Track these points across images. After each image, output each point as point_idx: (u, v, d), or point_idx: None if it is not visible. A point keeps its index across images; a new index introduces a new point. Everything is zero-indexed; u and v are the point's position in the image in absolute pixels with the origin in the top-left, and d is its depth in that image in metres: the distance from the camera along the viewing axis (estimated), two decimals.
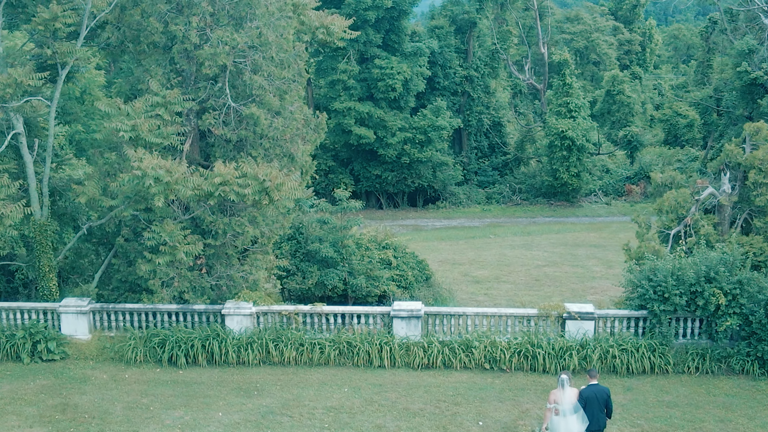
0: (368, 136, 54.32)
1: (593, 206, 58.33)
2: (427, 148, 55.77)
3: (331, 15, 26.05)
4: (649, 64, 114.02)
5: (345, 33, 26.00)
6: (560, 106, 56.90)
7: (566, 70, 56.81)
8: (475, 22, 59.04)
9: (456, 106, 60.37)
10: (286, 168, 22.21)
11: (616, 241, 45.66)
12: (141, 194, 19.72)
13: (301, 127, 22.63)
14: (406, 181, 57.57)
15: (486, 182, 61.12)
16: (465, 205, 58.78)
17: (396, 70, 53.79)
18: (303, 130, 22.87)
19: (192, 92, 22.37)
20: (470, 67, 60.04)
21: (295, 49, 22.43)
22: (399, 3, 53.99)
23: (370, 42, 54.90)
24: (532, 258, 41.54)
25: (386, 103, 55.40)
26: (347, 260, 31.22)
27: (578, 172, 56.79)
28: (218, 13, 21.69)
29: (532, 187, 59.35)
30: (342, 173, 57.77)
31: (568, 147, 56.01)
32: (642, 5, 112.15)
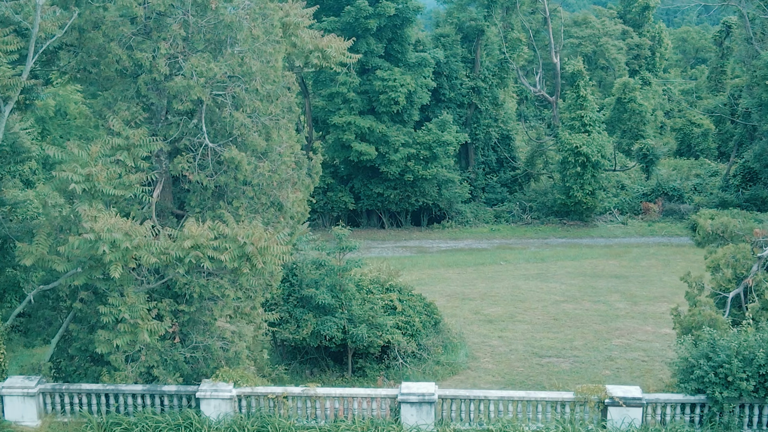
0: (369, 152, 50.85)
1: (609, 226, 54.84)
2: (432, 165, 52.29)
3: (328, 35, 22.55)
4: (659, 69, 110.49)
5: (344, 56, 22.48)
6: (573, 119, 53.42)
7: (580, 82, 53.32)
8: (482, 29, 55.54)
9: (462, 118, 56.89)
10: (273, 221, 18.74)
11: (638, 270, 42.21)
12: (96, 260, 16.24)
13: (291, 171, 19.12)
14: (409, 200, 54.10)
15: (494, 200, 57.62)
16: (472, 224, 55.30)
17: (399, 82, 50.30)
18: (294, 175, 19.37)
19: (163, 129, 18.90)
20: (477, 78, 56.56)
21: (284, 80, 18.93)
22: (402, 11, 50.52)
23: (372, 52, 51.42)
24: (548, 291, 38.05)
25: (388, 117, 51.94)
26: (347, 306, 27.78)
27: (593, 190, 53.30)
28: (192, 37, 18.21)
29: (544, 206, 55.86)
30: (341, 191, 54.30)
31: (582, 163, 52.53)
32: (651, 8, 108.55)
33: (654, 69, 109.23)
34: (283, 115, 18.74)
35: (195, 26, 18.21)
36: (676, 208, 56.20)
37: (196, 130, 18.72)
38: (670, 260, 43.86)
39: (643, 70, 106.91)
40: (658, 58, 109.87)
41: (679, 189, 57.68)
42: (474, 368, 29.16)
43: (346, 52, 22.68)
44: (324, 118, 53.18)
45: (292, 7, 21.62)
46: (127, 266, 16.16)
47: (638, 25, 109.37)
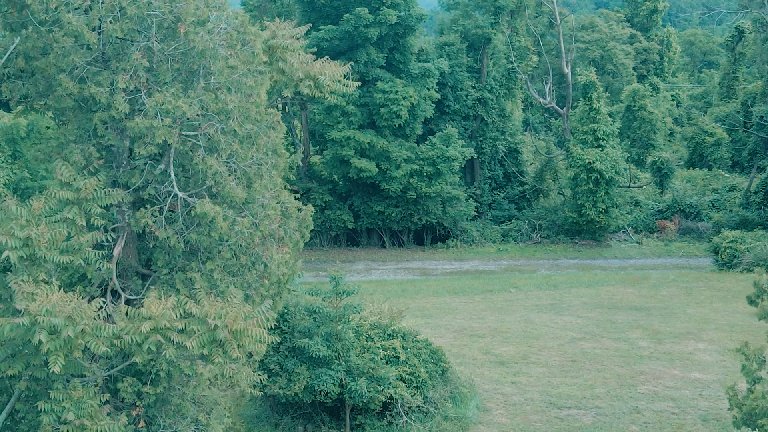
0: (370, 169, 47.84)
1: (623, 246, 51.84)
2: (436, 182, 49.29)
3: (321, 59, 19.53)
4: (667, 74, 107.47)
5: (340, 84, 19.48)
6: (586, 133, 50.45)
7: (593, 94, 50.34)
8: (489, 37, 52.55)
9: (468, 131, 53.89)
10: (255, 285, 15.74)
11: (659, 301, 39.20)
12: (34, 347, 13.25)
13: (277, 226, 16.11)
14: (412, 218, 51.10)
15: (501, 217, 54.63)
16: (478, 243, 52.30)
17: (401, 95, 47.31)
18: (280, 230, 16.35)
19: (124, 176, 15.93)
20: (484, 89, 53.56)
21: (269, 118, 15.94)
22: (405, 19, 47.53)
23: (372, 62, 48.43)
24: (564, 326, 35.05)
25: (390, 132, 48.95)
26: (344, 357, 24.81)
27: (606, 208, 50.32)
28: (158, 67, 15.21)
29: (554, 224, 52.86)
30: (340, 209, 51.30)
31: (595, 180, 49.55)
32: (660, 12, 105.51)
33: (662, 74, 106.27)
34: (267, 160, 15.73)
35: (161, 54, 15.20)
36: (693, 227, 53.23)
37: (163, 177, 15.74)
38: (692, 289, 40.87)
39: (651, 75, 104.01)
40: (666, 63, 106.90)
41: (697, 206, 54.69)
42: (486, 423, 26.19)
43: (343, 79, 19.54)
44: (322, 131, 50.25)
45: (280, 27, 18.62)
46: (71, 355, 13.16)
47: (646, 28, 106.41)
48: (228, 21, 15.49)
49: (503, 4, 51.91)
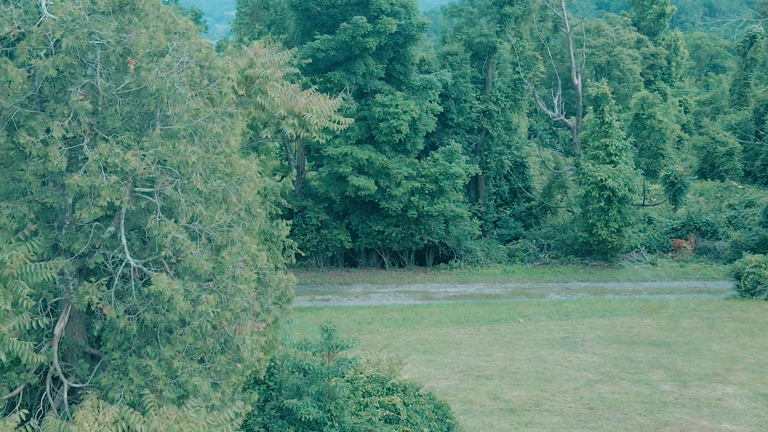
0: (368, 186, 45.02)
1: (636, 267, 49.02)
2: (439, 200, 46.48)
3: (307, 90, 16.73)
4: (675, 79, 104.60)
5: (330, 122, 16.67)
6: (597, 149, 47.64)
7: (605, 107, 47.52)
8: (494, 46, 49.75)
9: (472, 145, 51.09)
10: (224, 373, 12.94)
11: (680, 334, 36.34)
12: None
13: (251, 300, 13.30)
14: (413, 238, 48.29)
15: (507, 235, 51.82)
16: (483, 264, 49.48)
17: (402, 108, 44.49)
18: (256, 304, 13.54)
19: (67, 239, 13.12)
20: (489, 100, 50.76)
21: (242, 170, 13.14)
22: (405, 28, 44.72)
23: (371, 74, 45.62)
24: (578, 365, 32.20)
25: (389, 147, 46.13)
26: (338, 418, 22.04)
27: (619, 227, 47.51)
28: (104, 110, 12.39)
29: (563, 243, 50.03)
30: (337, 228, 48.49)
31: (607, 198, 46.74)
32: (667, 15, 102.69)
33: (670, 79, 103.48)
34: (239, 221, 12.91)
35: (108, 94, 12.39)
36: (710, 246, 50.42)
37: (113, 241, 12.92)
38: (715, 320, 38.02)
39: (659, 81, 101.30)
40: (674, 68, 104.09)
41: (713, 224, 51.86)
42: None
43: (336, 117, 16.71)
44: (317, 147, 47.43)
45: (259, 54, 15.87)
46: None
47: (653, 33, 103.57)
48: (191, 53, 12.67)
49: (509, 11, 49.11)
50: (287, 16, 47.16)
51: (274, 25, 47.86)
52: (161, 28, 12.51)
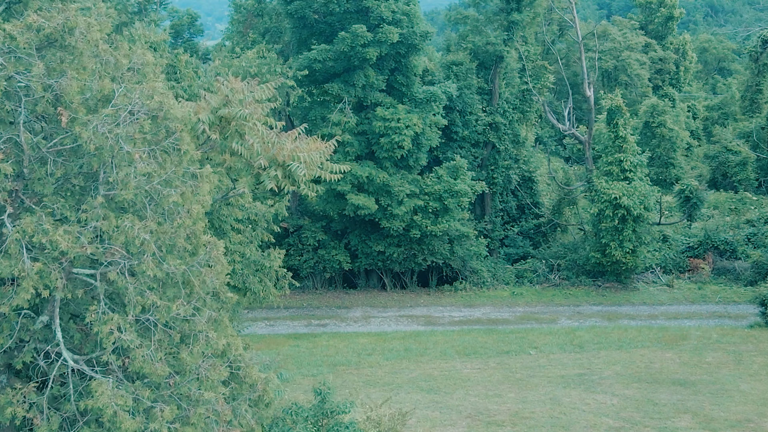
0: (368, 205, 42.35)
1: (651, 289, 46.34)
2: (443, 219, 43.82)
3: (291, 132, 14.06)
4: (683, 84, 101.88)
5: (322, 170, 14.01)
6: (611, 164, 44.98)
7: (619, 120, 44.85)
8: (502, 56, 47.11)
9: (477, 160, 48.44)
10: None
11: (705, 371, 33.65)
12: None
13: (221, 406, 10.62)
14: (415, 259, 45.62)
15: (515, 255, 49.15)
16: (490, 285, 46.81)
17: (404, 123, 41.83)
18: (227, 410, 10.85)
19: None
20: (496, 112, 48.11)
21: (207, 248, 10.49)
22: (408, 37, 42.05)
23: (371, 86, 42.95)
24: (597, 409, 29.52)
25: (391, 163, 43.46)
26: None
27: (634, 247, 44.84)
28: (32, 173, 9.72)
29: (574, 264, 47.35)
30: (335, 248, 45.82)
31: (621, 218, 44.08)
32: (676, 19, 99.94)
33: (678, 84, 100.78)
34: (203, 311, 10.25)
35: (36, 153, 9.73)
36: (729, 266, 47.74)
37: (46, 333, 10.29)
38: (741, 353, 35.34)
39: (666, 86, 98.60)
40: (682, 73, 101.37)
41: (732, 242, 49.17)
42: None
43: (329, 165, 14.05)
44: None
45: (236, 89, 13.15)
46: None
47: (661, 36, 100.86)
48: (142, 100, 10.02)
49: (517, 18, 46.44)
50: (282, 24, 44.49)
51: (268, 33, 45.21)
52: (104, 68, 9.84)
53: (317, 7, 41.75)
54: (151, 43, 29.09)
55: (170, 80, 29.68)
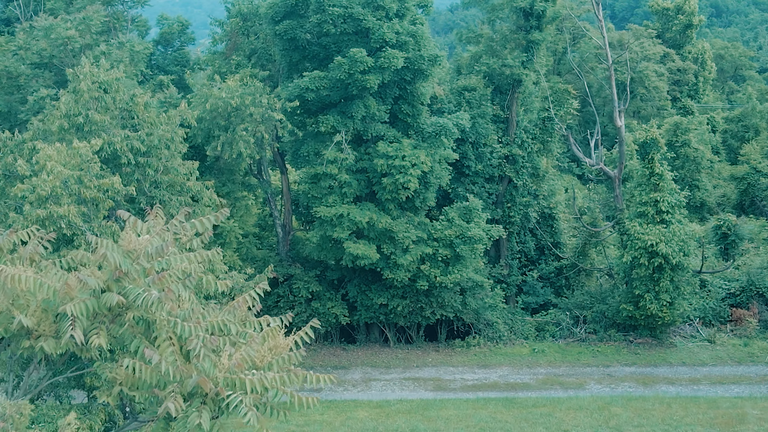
0: (369, 254, 36.83)
1: (690, 345, 40.78)
2: (455, 269, 38.30)
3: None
4: (702, 96, 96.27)
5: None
6: (645, 204, 39.43)
7: (655, 155, 39.32)
8: (520, 79, 41.59)
9: (492, 196, 42.90)
10: None
11: None
12: None
13: None
14: (422, 312, 40.10)
15: (535, 304, 43.61)
16: (507, 340, 41.29)
17: (410, 161, 36.31)
18: None
19: None
20: (513, 143, 42.59)
21: None
22: (415, 61, 36.53)
23: (372, 117, 37.46)
24: None
25: (395, 205, 37.95)
26: None
27: (672, 299, 39.32)
28: None
29: (602, 315, 41.80)
30: (331, 300, 40.31)
31: (658, 266, 38.58)
32: (695, 26, 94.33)
33: (697, 95, 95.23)
34: None
35: None
36: None
37: None
38: None
39: (684, 97, 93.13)
40: (701, 83, 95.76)
41: None
42: None
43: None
44: (306, 203, 39.30)
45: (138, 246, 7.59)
46: None
47: (678, 45, 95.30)
48: None
49: (538, 38, 40.90)
50: (270, 46, 38.95)
51: (255, 55, 39.65)
52: None
53: (309, 27, 36.26)
54: (101, 83, 23.59)
55: (125, 127, 24.17)
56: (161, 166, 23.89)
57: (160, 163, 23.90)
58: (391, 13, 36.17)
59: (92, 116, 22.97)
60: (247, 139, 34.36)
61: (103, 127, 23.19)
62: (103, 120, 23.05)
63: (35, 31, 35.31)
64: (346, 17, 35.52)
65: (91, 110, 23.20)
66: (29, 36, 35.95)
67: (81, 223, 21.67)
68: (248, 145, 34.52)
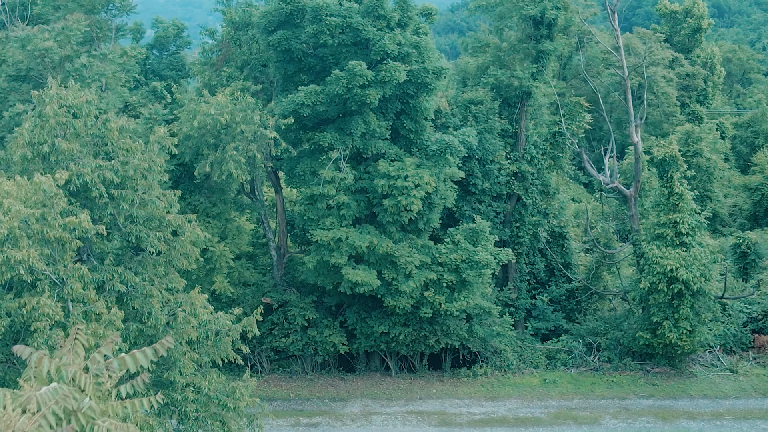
0: (369, 282, 34.37)
1: (711, 376, 38.28)
2: (461, 295, 35.81)
3: None
4: (711, 101, 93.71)
5: None
6: (664, 226, 36.94)
7: (674, 173, 36.84)
8: (530, 92, 39.12)
9: (500, 215, 40.42)
10: None
11: None
12: None
13: None
14: (426, 341, 37.61)
15: (545, 329, 41.11)
16: (516, 369, 38.82)
17: (413, 181, 33.84)
18: None
19: None
20: (522, 159, 40.12)
21: None
22: (418, 74, 34.04)
23: (372, 134, 35.01)
24: None
25: (397, 227, 35.48)
26: None
27: (692, 327, 36.85)
28: None
29: (617, 343, 39.32)
30: (328, 327, 37.84)
31: (678, 293, 36.12)
32: (704, 30, 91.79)
33: (706, 101, 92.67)
34: None
35: None
36: None
37: None
38: None
39: (693, 103, 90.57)
40: (710, 88, 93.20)
41: None
42: None
43: None
44: (302, 226, 36.84)
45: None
46: None
47: (687, 49, 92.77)
48: None
49: (549, 48, 38.41)
50: (264, 57, 36.44)
51: (248, 66, 37.14)
52: None
53: (305, 38, 33.77)
54: (70, 107, 21.13)
55: (97, 156, 21.71)
56: (137, 198, 21.43)
57: (136, 195, 21.44)
58: (392, 23, 33.70)
59: (59, 144, 20.53)
60: (237, 158, 31.92)
61: (71, 156, 20.73)
62: (71, 148, 20.59)
63: (10, 42, 32.86)
64: (345, 27, 33.04)
65: (59, 137, 20.75)
66: (4, 46, 33.52)
67: (44, 267, 19.25)
68: (239, 166, 32.08)
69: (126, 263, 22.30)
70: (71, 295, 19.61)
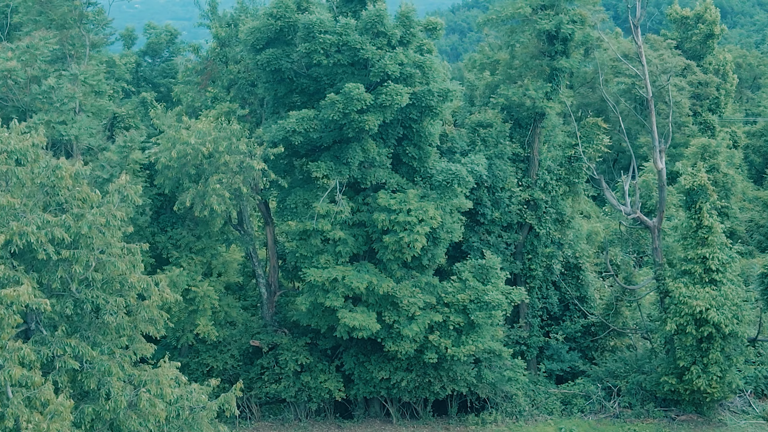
0: (367, 326, 31.09)
1: (743, 425, 34.99)
2: (469, 339, 32.57)
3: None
4: (723, 110, 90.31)
5: None
6: (691, 261, 33.65)
7: (703, 204, 33.55)
8: (543, 112, 35.85)
9: (510, 247, 37.11)
10: None
11: None
12: None
13: None
14: (431, 387, 34.32)
15: (559, 370, 37.84)
16: (528, 416, 35.56)
17: (416, 216, 30.55)
18: None
19: None
20: (534, 186, 36.85)
21: None
22: (422, 97, 30.76)
23: (371, 162, 31.76)
24: None
25: (398, 265, 32.18)
26: None
27: (722, 372, 33.57)
28: None
29: (639, 387, 36.02)
30: (323, 372, 34.54)
31: (708, 336, 32.86)
32: (716, 36, 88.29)
33: (718, 109, 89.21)
34: None
35: None
36: None
37: None
38: None
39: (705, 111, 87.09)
40: (722, 97, 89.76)
41: None
42: None
43: None
44: (295, 263, 33.54)
45: None
46: None
47: (698, 56, 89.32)
48: None
49: (564, 65, 35.16)
50: (253, 77, 33.12)
51: (235, 86, 33.83)
52: None
53: (297, 57, 30.52)
54: (12, 153, 17.87)
55: (47, 209, 18.44)
56: (93, 259, 18.14)
57: (92, 255, 18.14)
58: (393, 41, 30.40)
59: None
60: (221, 192, 28.69)
61: (13, 212, 17.44)
62: (11, 203, 17.31)
63: None
64: (341, 46, 29.74)
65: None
66: None
67: None
68: (223, 200, 28.86)
69: (83, 331, 19.02)
70: (10, 380, 16.35)
